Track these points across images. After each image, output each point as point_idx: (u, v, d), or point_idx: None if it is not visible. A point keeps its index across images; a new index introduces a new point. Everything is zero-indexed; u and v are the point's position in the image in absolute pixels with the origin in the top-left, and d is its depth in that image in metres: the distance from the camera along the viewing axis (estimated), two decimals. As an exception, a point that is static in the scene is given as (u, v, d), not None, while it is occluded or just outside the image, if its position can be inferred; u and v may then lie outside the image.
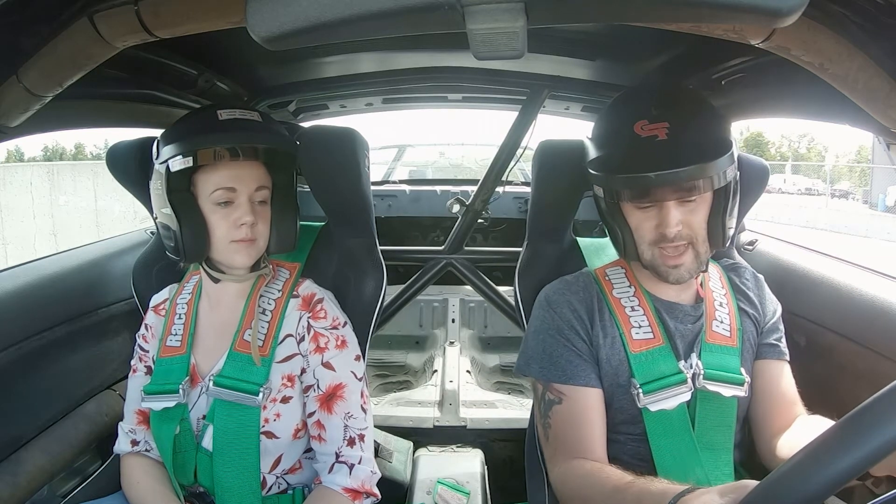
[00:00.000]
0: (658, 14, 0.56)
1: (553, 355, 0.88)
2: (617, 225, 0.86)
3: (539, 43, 1.23)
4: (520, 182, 2.85)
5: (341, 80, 1.57)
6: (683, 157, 0.75)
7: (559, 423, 0.86)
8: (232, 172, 0.84)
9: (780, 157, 35.16)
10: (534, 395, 0.93)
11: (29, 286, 1.04)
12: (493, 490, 1.39)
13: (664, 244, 0.81)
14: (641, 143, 0.78)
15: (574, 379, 0.86)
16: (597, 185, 0.86)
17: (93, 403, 1.12)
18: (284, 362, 0.89)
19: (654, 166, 0.75)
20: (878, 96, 0.63)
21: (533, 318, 0.94)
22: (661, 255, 0.83)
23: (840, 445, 0.41)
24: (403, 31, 0.50)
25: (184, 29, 0.64)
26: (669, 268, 0.83)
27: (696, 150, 0.76)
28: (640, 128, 0.78)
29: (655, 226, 0.82)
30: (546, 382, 0.88)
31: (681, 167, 0.75)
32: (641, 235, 0.84)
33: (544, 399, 0.88)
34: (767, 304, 0.94)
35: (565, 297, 0.91)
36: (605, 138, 0.85)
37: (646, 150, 0.77)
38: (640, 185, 0.79)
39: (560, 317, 0.89)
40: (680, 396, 0.83)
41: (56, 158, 28.22)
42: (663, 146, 0.77)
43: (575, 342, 0.88)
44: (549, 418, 0.87)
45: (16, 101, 0.69)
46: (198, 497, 0.91)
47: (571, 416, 0.85)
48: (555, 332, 0.89)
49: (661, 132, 0.77)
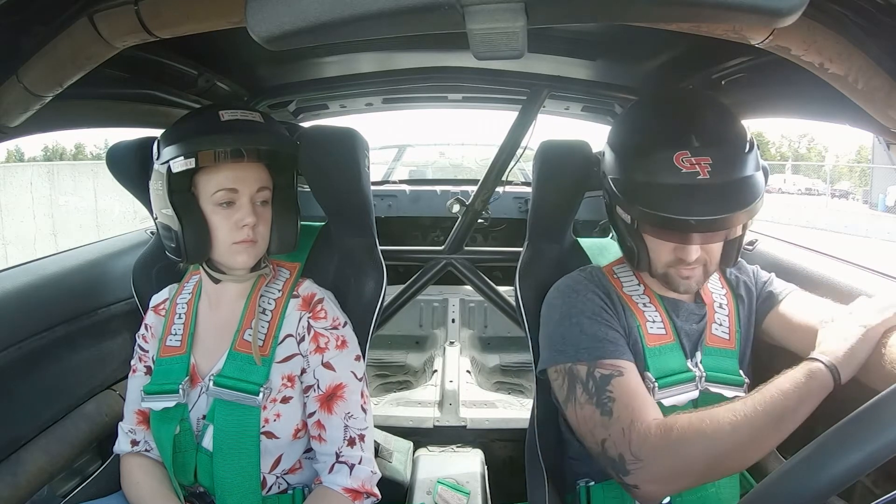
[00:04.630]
0: (658, 14, 0.56)
1: (597, 335, 0.83)
2: (632, 241, 0.84)
3: (539, 43, 1.23)
4: (520, 182, 2.85)
5: (341, 80, 1.57)
6: (726, 203, 0.73)
7: (626, 393, 0.77)
8: (234, 173, 0.84)
9: (781, 157, 35.14)
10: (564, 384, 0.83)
11: (29, 286, 1.04)
12: (493, 490, 1.39)
13: (681, 266, 0.82)
14: (682, 179, 0.74)
15: (625, 355, 0.82)
16: (622, 210, 0.82)
17: (93, 403, 1.12)
18: (284, 362, 0.89)
19: (694, 210, 0.73)
20: (878, 96, 0.64)
21: (554, 309, 0.89)
22: (675, 271, 0.83)
23: (841, 447, 0.41)
24: (403, 31, 0.50)
25: (184, 29, 0.64)
26: (681, 279, 0.83)
27: (737, 193, 0.74)
28: (680, 160, 0.74)
29: (674, 249, 0.81)
30: (595, 360, 0.80)
31: (722, 214, 0.73)
32: (658, 256, 0.83)
33: (594, 377, 0.79)
34: (750, 273, 0.97)
35: (587, 285, 0.90)
36: (638, 161, 0.80)
37: (686, 190, 0.74)
38: (676, 227, 0.77)
39: (591, 300, 0.87)
40: (689, 394, 0.84)
41: (56, 158, 28.20)
42: (706, 188, 0.73)
43: (612, 323, 0.85)
44: (608, 392, 0.77)
45: (16, 101, 0.69)
46: (198, 497, 0.91)
47: (636, 386, 0.78)
48: (591, 314, 0.85)
49: (703, 169, 0.74)
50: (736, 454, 0.68)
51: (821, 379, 0.66)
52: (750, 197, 0.75)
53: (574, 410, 0.81)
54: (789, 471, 0.43)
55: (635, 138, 0.83)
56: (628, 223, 0.84)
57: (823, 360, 0.67)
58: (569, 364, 0.83)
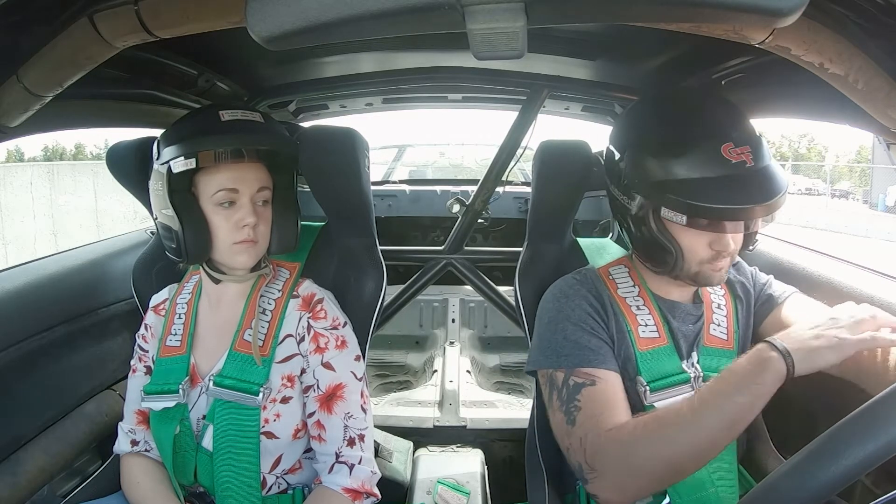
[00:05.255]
0: (658, 14, 0.56)
1: (579, 342, 0.84)
2: (666, 242, 0.81)
3: (539, 43, 1.23)
4: (520, 182, 2.85)
5: (341, 80, 1.57)
6: (772, 186, 0.75)
7: (591, 403, 0.78)
8: (234, 174, 0.84)
9: (780, 157, 35.11)
10: (546, 388, 0.86)
11: (29, 286, 1.04)
12: (493, 490, 1.39)
13: (715, 260, 0.81)
14: (733, 169, 0.74)
15: (605, 363, 0.82)
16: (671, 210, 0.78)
17: (93, 403, 1.12)
18: (284, 362, 0.89)
19: (754, 197, 0.74)
20: (878, 96, 0.64)
21: (545, 312, 0.91)
22: (709, 266, 0.83)
23: (840, 446, 0.41)
24: (403, 31, 0.50)
25: (184, 29, 0.64)
26: (715, 272, 0.83)
27: (776, 178, 0.76)
28: (727, 151, 0.75)
29: (709, 243, 0.80)
30: (572, 368, 0.82)
31: (773, 197, 0.74)
32: (694, 254, 0.82)
33: (568, 384, 0.81)
34: (748, 274, 0.96)
35: (579, 290, 0.90)
36: (678, 158, 0.77)
37: (739, 179, 0.75)
38: (734, 217, 0.77)
39: (578, 307, 0.87)
40: (683, 395, 0.83)
41: (56, 158, 28.22)
42: (754, 175, 0.75)
43: (597, 330, 0.85)
44: (576, 401, 0.79)
45: (16, 101, 0.69)
46: (198, 497, 0.91)
47: (605, 396, 0.79)
48: (576, 321, 0.86)
49: (748, 158, 0.75)
50: (689, 453, 0.67)
51: (771, 364, 0.65)
52: (783, 180, 0.77)
53: (551, 415, 0.83)
54: (789, 471, 0.44)
55: (668, 136, 0.80)
56: (663, 224, 0.81)
57: (777, 345, 0.66)
58: (550, 370, 0.85)
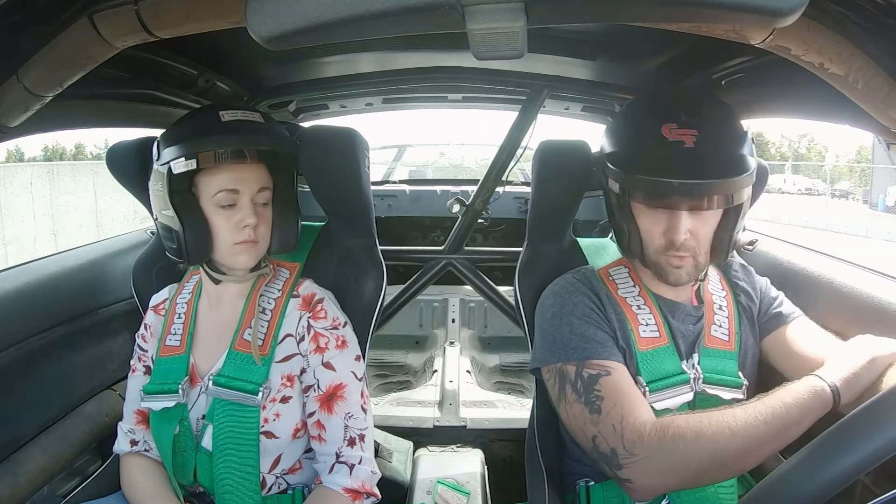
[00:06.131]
0: (658, 14, 0.56)
1: (586, 335, 0.84)
2: (625, 223, 0.85)
3: (539, 43, 1.23)
4: (520, 182, 2.85)
5: (341, 80, 1.57)
6: (707, 170, 0.75)
7: (613, 392, 0.78)
8: (235, 174, 0.84)
9: (780, 157, 35.15)
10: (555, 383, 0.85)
11: (29, 286, 1.04)
12: (493, 490, 1.39)
13: (671, 252, 0.82)
14: (667, 146, 0.77)
15: (613, 355, 0.82)
16: (612, 180, 0.85)
17: (93, 403, 1.12)
18: (284, 362, 0.89)
19: (677, 173, 0.75)
20: (878, 96, 0.64)
21: (546, 309, 0.91)
22: (665, 259, 0.83)
23: (840, 447, 0.41)
24: (403, 31, 0.50)
25: (184, 29, 0.64)
26: (672, 267, 0.83)
27: (720, 164, 0.76)
28: (667, 130, 0.77)
29: (664, 231, 0.82)
30: (583, 360, 0.82)
31: (704, 179, 0.75)
32: (650, 239, 0.84)
33: (582, 377, 0.80)
34: (757, 286, 0.96)
35: (579, 287, 0.90)
36: (628, 135, 0.85)
37: (670, 155, 0.77)
38: (659, 190, 0.79)
39: (581, 302, 0.88)
40: (683, 396, 0.84)
41: (56, 158, 28.21)
42: (688, 154, 0.76)
43: (601, 324, 0.86)
44: (596, 391, 0.78)
45: (16, 101, 0.69)
46: (197, 497, 0.91)
47: (623, 384, 0.79)
48: (581, 315, 0.86)
49: (689, 139, 0.76)
50: (733, 459, 0.68)
51: (822, 398, 0.67)
52: (735, 170, 0.76)
53: (565, 409, 0.83)
54: (789, 471, 0.44)
55: (625, 119, 0.89)
56: (618, 197, 0.85)
57: (827, 380, 0.68)
58: (559, 364, 0.84)
